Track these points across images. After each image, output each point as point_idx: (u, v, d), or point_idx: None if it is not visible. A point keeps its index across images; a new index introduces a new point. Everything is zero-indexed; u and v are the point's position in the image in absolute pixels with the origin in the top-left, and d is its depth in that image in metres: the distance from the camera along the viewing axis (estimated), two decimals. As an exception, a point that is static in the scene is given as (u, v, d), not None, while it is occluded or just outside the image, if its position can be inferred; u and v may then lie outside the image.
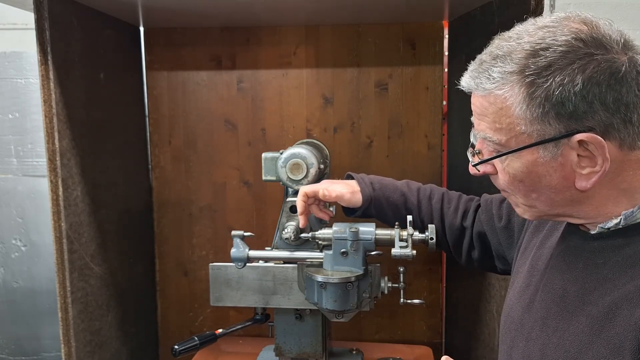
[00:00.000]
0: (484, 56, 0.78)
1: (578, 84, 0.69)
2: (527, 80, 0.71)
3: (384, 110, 1.81)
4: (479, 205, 1.24)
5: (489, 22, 1.43)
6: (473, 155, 0.85)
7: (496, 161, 0.81)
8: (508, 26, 0.79)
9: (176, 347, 1.36)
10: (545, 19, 0.76)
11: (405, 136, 1.81)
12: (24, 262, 2.25)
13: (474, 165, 0.84)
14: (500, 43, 0.76)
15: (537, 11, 1.20)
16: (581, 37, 0.70)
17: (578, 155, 0.73)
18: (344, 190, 1.25)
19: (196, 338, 1.40)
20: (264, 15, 1.66)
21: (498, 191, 0.90)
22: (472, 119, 0.83)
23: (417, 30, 1.77)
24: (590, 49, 0.70)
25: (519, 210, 0.86)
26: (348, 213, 1.32)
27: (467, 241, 1.24)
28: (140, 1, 1.45)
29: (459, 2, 1.53)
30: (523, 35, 0.74)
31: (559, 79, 0.69)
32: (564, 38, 0.71)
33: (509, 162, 0.78)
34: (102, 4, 1.49)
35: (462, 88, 0.82)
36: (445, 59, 1.79)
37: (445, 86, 1.80)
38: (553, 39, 0.71)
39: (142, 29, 1.81)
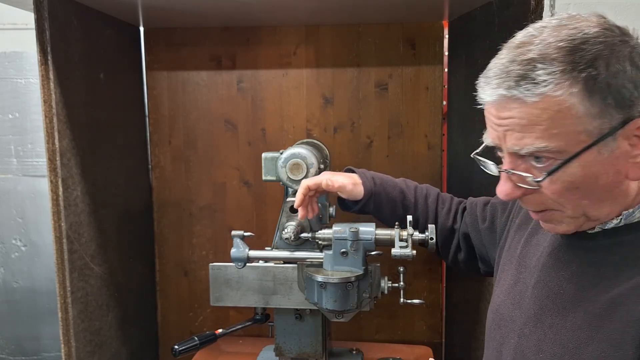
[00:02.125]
0: (508, 65, 0.72)
1: (627, 70, 0.68)
2: (582, 75, 0.68)
3: (384, 110, 1.81)
4: (465, 208, 1.26)
5: (489, 22, 1.43)
6: (510, 175, 0.76)
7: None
8: (508, 26, 0.79)
9: (176, 347, 1.36)
10: (551, 20, 0.74)
11: (405, 136, 1.81)
12: (24, 262, 2.25)
13: (539, 181, 0.74)
14: (523, 49, 0.72)
15: (537, 11, 1.20)
16: (607, 26, 0.70)
17: (629, 144, 0.71)
18: (347, 181, 1.25)
19: (196, 338, 1.41)
20: (264, 15, 1.66)
21: (489, 195, 0.88)
22: (492, 138, 0.77)
23: (417, 30, 1.77)
24: (621, 36, 0.70)
25: (561, 228, 0.80)
26: (345, 207, 1.32)
27: (455, 243, 1.26)
28: (140, 1, 1.45)
29: (459, 2, 1.53)
30: (546, 37, 0.71)
31: (612, 68, 0.68)
32: (594, 30, 0.70)
33: (564, 168, 0.72)
34: (102, 4, 1.49)
35: (489, 103, 0.76)
36: (445, 59, 1.79)
37: (445, 86, 1.80)
38: (584, 33, 0.69)
39: (142, 29, 1.81)
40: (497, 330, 0.94)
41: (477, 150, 0.85)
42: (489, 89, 0.75)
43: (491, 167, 0.81)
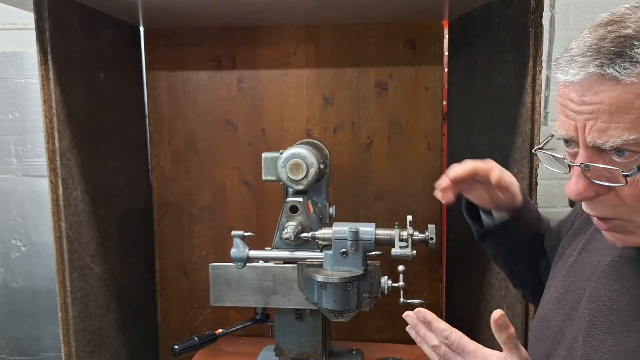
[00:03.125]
0: (599, 42, 0.64)
1: None
2: None
3: (384, 110, 1.81)
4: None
5: (489, 22, 1.43)
6: (585, 171, 0.67)
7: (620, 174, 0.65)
8: (508, 26, 0.78)
9: (176, 347, 1.36)
10: (629, 5, 0.68)
11: (405, 136, 1.81)
12: (24, 262, 2.25)
13: (627, 176, 0.64)
14: (613, 27, 0.65)
15: (537, 11, 1.20)
16: None
17: None
18: (514, 179, 1.00)
19: (196, 338, 1.41)
20: (264, 15, 1.66)
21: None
22: (562, 131, 0.69)
23: (417, 30, 1.77)
24: None
25: (631, 239, 0.72)
26: (477, 219, 1.07)
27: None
28: (140, 1, 1.45)
29: (459, 2, 1.53)
30: (634, 18, 0.64)
31: None
32: None
33: None
34: (102, 4, 1.49)
35: (570, 84, 0.67)
36: (445, 59, 1.79)
37: (445, 86, 1.80)
38: None
39: (142, 29, 1.82)
40: (543, 341, 0.87)
41: (540, 145, 0.76)
42: (573, 68, 0.65)
43: (561, 162, 0.72)
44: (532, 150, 0.78)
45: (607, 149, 0.65)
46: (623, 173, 0.64)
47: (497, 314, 0.72)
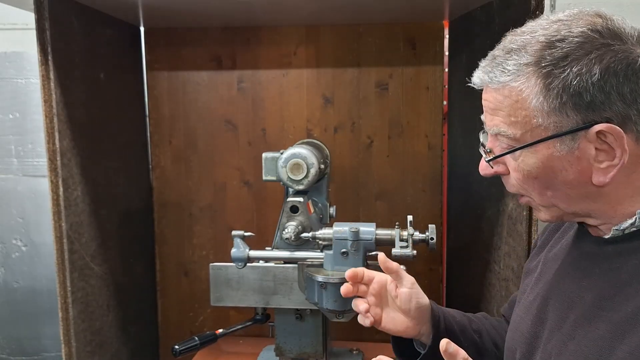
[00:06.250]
0: (496, 52, 0.78)
1: (595, 74, 0.68)
2: (544, 71, 0.70)
3: (384, 110, 1.81)
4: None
5: (489, 22, 1.43)
6: (486, 154, 0.82)
7: (509, 158, 0.78)
8: (508, 26, 0.78)
9: (176, 347, 1.37)
10: (559, 14, 0.75)
11: (405, 136, 1.81)
12: (24, 262, 2.25)
13: (488, 161, 0.80)
14: (514, 37, 0.76)
15: (538, 11, 1.20)
16: (597, 28, 0.70)
17: (595, 148, 0.71)
18: None
19: (196, 338, 1.41)
20: (264, 15, 1.65)
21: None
22: (483, 116, 0.81)
23: (418, 30, 1.77)
24: (606, 40, 0.70)
25: (540, 215, 0.83)
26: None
27: None
28: (141, 1, 1.45)
29: (459, 2, 1.53)
30: (537, 29, 0.73)
31: (576, 69, 0.68)
32: (579, 29, 0.70)
33: (523, 157, 0.76)
34: (102, 4, 1.49)
35: (474, 85, 0.81)
36: (446, 59, 1.79)
37: (446, 86, 1.80)
38: (568, 31, 0.71)
39: (142, 29, 1.82)
40: (518, 348, 0.89)
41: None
42: (477, 71, 0.80)
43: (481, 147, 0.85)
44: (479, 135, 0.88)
45: (495, 136, 0.78)
46: (486, 159, 0.80)
47: (444, 344, 0.76)
